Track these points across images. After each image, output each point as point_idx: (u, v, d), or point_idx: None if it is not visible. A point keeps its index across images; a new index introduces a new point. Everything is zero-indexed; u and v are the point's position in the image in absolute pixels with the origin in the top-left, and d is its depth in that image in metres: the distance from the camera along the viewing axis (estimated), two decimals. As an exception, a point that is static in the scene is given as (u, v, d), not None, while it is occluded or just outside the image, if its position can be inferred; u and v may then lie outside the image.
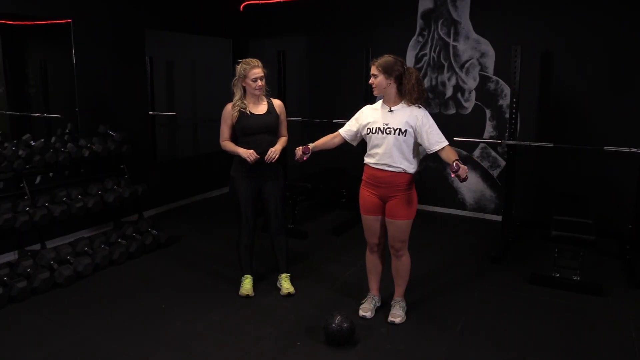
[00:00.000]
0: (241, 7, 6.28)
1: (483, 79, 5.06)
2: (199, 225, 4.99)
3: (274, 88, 4.93)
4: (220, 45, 6.16)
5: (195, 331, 2.95)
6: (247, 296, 3.36)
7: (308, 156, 2.98)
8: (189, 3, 5.54)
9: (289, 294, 3.37)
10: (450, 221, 5.18)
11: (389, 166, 2.83)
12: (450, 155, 2.74)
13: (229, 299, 3.35)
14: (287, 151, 3.87)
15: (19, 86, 4.39)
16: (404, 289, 3.11)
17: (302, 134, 5.77)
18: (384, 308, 3.16)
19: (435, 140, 2.78)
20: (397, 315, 3.03)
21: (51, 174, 4.32)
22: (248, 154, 3.14)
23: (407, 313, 3.09)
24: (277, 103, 3.35)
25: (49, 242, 4.00)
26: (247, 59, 3.18)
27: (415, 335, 2.91)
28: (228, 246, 4.11)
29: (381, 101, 2.93)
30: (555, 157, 4.76)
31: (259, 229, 3.55)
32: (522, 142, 4.42)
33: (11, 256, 3.84)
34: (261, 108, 3.26)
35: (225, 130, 3.27)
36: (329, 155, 3.27)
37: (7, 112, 4.28)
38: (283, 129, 3.38)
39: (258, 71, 3.14)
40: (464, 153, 5.19)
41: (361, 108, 3.05)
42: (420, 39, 5.32)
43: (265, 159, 3.16)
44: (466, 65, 5.12)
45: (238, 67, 3.18)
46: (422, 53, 5.32)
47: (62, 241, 4.14)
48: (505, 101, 4.96)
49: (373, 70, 2.82)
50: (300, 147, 2.96)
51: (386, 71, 2.78)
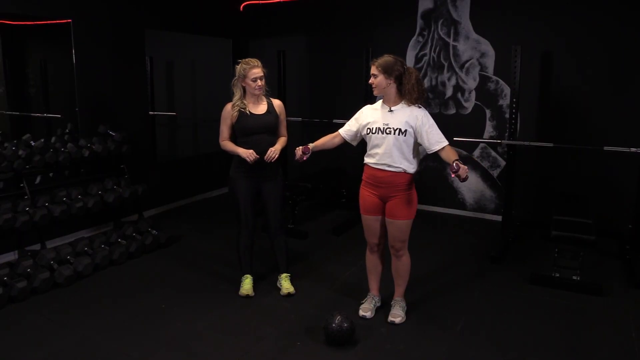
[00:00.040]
0: (241, 7, 6.28)
1: (483, 79, 5.06)
2: (199, 225, 4.99)
3: (274, 88, 4.93)
4: (220, 45, 6.16)
5: (195, 331, 2.95)
6: (247, 296, 3.36)
7: (308, 156, 2.98)
8: (189, 3, 5.54)
9: (289, 294, 3.37)
10: (450, 221, 5.18)
11: (389, 166, 2.83)
12: (450, 155, 2.74)
13: (229, 299, 3.35)
14: (287, 151, 3.87)
15: (19, 86, 4.39)
16: (404, 289, 3.12)
17: (302, 134, 5.77)
18: (384, 308, 3.16)
19: (435, 140, 2.78)
20: (397, 315, 3.04)
21: (51, 174, 4.32)
22: (248, 154, 3.14)
23: (407, 313, 3.09)
24: (277, 103, 3.35)
25: (49, 242, 4.00)
26: (247, 59, 3.18)
27: (415, 335, 2.91)
28: (228, 246, 4.11)
29: (381, 101, 2.93)
30: (555, 157, 4.76)
31: (259, 229, 3.55)
32: (522, 142, 4.42)
33: (11, 256, 3.84)
34: (261, 108, 3.26)
35: (224, 130, 3.27)
36: (329, 155, 3.27)
37: (7, 112, 4.28)
38: (283, 129, 3.37)
39: (258, 71, 3.14)
40: (464, 153, 5.19)
41: (361, 108, 3.05)
42: (420, 39, 5.32)
43: (264, 159, 3.16)
44: (466, 65, 5.12)
45: (238, 67, 3.18)
46: (422, 53, 5.32)
47: (62, 241, 4.14)
48: (505, 101, 4.96)
49: (373, 70, 2.82)
50: (300, 147, 2.96)
51: (386, 71, 2.78)
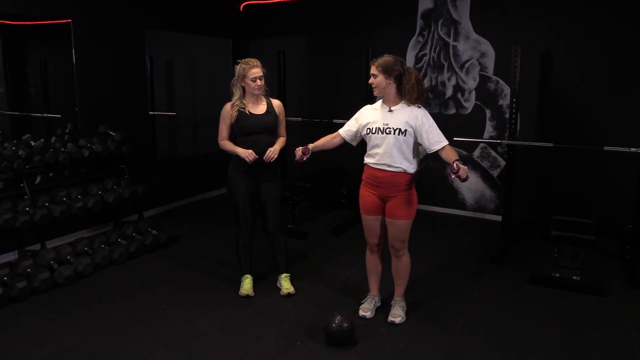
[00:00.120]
0: (241, 7, 6.28)
1: (483, 79, 5.06)
2: (199, 225, 4.99)
3: (274, 88, 4.94)
4: (220, 45, 6.16)
5: (195, 331, 2.95)
6: (247, 296, 3.36)
7: (308, 156, 2.98)
8: (189, 3, 5.54)
9: (289, 294, 3.37)
10: (450, 221, 5.18)
11: (389, 166, 2.83)
12: (450, 155, 2.74)
13: (229, 299, 3.35)
14: (287, 151, 3.87)
15: (19, 86, 4.39)
16: (404, 289, 3.11)
17: (302, 134, 5.77)
18: (384, 308, 3.16)
19: (435, 139, 2.78)
20: (397, 315, 3.03)
21: (51, 174, 4.32)
22: (247, 154, 3.14)
23: (407, 313, 3.09)
24: (277, 103, 3.35)
25: (49, 242, 4.00)
26: (246, 59, 3.18)
27: (415, 335, 2.91)
28: (228, 246, 4.11)
29: (381, 101, 2.93)
30: (555, 157, 4.76)
31: (258, 229, 3.55)
32: (522, 142, 4.41)
33: (11, 256, 3.84)
34: (260, 108, 3.26)
35: (224, 129, 3.27)
36: (329, 155, 3.27)
37: (7, 112, 4.28)
38: (282, 129, 3.37)
39: (257, 71, 3.14)
40: (464, 153, 5.19)
41: (361, 108, 3.05)
42: (420, 39, 5.32)
43: (264, 159, 3.16)
44: (466, 65, 5.12)
45: (237, 67, 3.18)
46: (422, 53, 5.32)
47: (62, 241, 4.14)
48: (505, 101, 4.96)
49: (373, 70, 2.82)
50: (300, 148, 2.96)
51: (386, 71, 2.78)
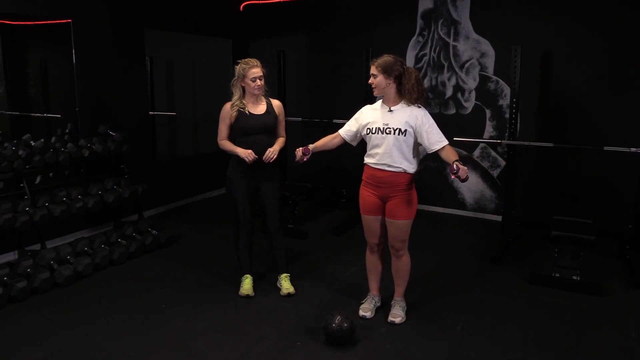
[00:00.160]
0: (241, 7, 6.28)
1: (483, 79, 5.06)
2: (199, 225, 4.99)
3: (274, 88, 4.94)
4: (220, 45, 6.16)
5: (195, 331, 2.95)
6: (247, 296, 3.36)
7: (308, 157, 2.98)
8: (189, 3, 5.54)
9: (289, 294, 3.37)
10: (450, 221, 5.18)
11: (389, 166, 2.83)
12: (450, 155, 2.74)
13: (229, 299, 3.35)
14: (287, 152, 3.87)
15: (19, 86, 4.39)
16: (404, 289, 3.11)
17: (302, 134, 5.77)
18: (384, 308, 3.16)
19: (435, 139, 2.78)
20: (397, 315, 3.03)
21: (51, 174, 4.32)
22: (246, 154, 3.13)
23: (407, 313, 3.09)
24: (276, 103, 3.35)
25: (49, 242, 4.00)
26: (246, 59, 3.18)
27: (415, 335, 2.91)
28: (228, 246, 4.11)
29: (380, 101, 2.93)
30: (555, 157, 4.76)
31: (258, 229, 3.55)
32: (522, 142, 4.41)
33: (11, 256, 3.84)
34: (260, 108, 3.26)
35: (223, 129, 3.27)
36: (329, 155, 3.27)
37: (7, 112, 4.28)
38: (281, 130, 3.37)
39: (257, 71, 3.14)
40: (464, 153, 5.19)
41: (361, 108, 3.05)
42: (420, 39, 5.32)
43: (263, 159, 3.16)
44: (466, 65, 5.12)
45: (237, 67, 3.18)
46: (422, 53, 5.32)
47: (62, 241, 4.14)
48: (505, 101, 4.96)
49: (372, 70, 2.82)
50: (300, 148, 2.96)
51: (385, 71, 2.78)
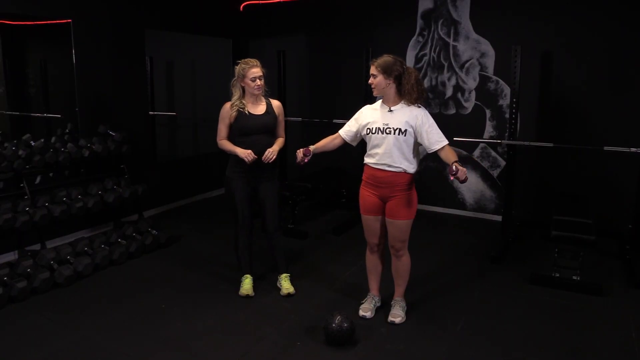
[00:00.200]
0: (241, 7, 6.28)
1: (483, 79, 5.06)
2: (199, 225, 4.99)
3: (274, 88, 4.94)
4: (220, 45, 6.16)
5: (195, 331, 2.95)
6: (247, 296, 3.36)
7: (309, 158, 2.98)
8: (189, 3, 5.54)
9: (289, 294, 3.37)
10: (450, 221, 5.18)
11: (389, 166, 2.83)
12: (449, 155, 2.73)
13: (229, 299, 3.35)
14: (286, 152, 3.87)
15: (19, 86, 4.39)
16: (404, 289, 3.12)
17: (302, 134, 5.77)
18: (384, 308, 3.16)
19: (435, 139, 2.78)
20: (397, 315, 3.03)
21: (51, 174, 4.32)
22: (246, 154, 3.13)
23: (407, 313, 3.09)
24: (276, 104, 3.35)
25: (49, 242, 4.00)
26: (246, 59, 3.18)
27: (415, 335, 2.91)
28: (228, 246, 4.10)
29: (380, 101, 2.93)
30: (555, 157, 4.76)
31: (258, 229, 3.55)
32: (522, 142, 4.41)
33: (11, 256, 3.84)
34: (260, 108, 3.26)
35: (222, 129, 3.26)
36: (329, 155, 3.27)
37: (7, 112, 4.28)
38: (281, 130, 3.37)
39: (257, 71, 3.14)
40: (464, 153, 5.19)
41: (361, 108, 3.05)
42: (420, 39, 5.32)
43: (262, 159, 3.16)
44: (466, 65, 5.12)
45: (237, 67, 3.18)
46: (422, 53, 5.32)
47: (62, 241, 4.14)
48: (505, 101, 4.96)
49: (372, 70, 2.82)
50: (300, 150, 2.96)
51: (385, 71, 2.78)
